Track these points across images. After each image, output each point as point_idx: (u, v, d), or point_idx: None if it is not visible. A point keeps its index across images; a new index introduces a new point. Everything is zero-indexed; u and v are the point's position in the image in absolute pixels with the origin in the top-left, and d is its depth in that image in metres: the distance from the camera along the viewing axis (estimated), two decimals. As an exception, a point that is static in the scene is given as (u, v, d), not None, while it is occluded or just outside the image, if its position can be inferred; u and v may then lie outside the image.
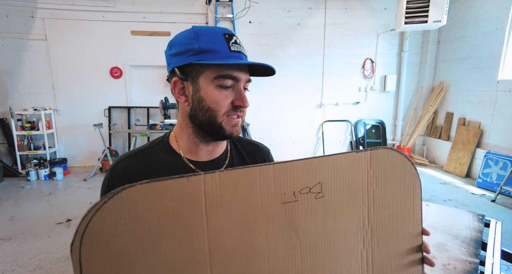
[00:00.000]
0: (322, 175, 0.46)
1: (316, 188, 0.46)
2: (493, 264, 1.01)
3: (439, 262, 1.02)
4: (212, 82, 0.60)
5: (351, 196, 0.48)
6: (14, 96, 4.79)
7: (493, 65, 4.12)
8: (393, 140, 5.61)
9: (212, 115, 0.61)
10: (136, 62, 4.94)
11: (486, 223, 1.31)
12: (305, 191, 0.45)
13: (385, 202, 0.50)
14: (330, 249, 0.48)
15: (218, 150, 0.71)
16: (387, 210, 0.50)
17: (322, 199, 0.47)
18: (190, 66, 0.61)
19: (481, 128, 4.31)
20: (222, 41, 0.60)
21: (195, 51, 0.59)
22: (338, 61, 5.25)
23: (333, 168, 0.46)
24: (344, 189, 0.47)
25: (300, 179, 0.45)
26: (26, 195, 3.78)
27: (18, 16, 4.55)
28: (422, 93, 5.40)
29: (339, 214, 0.48)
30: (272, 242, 0.45)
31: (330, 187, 0.47)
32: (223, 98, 0.61)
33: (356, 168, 0.48)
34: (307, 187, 0.45)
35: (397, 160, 0.49)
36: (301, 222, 0.46)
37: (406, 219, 0.51)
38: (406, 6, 4.12)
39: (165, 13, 4.81)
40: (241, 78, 0.62)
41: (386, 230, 0.51)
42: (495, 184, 3.85)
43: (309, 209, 0.46)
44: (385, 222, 0.50)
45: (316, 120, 5.44)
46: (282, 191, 0.44)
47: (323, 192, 0.46)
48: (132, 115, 5.12)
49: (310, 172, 0.45)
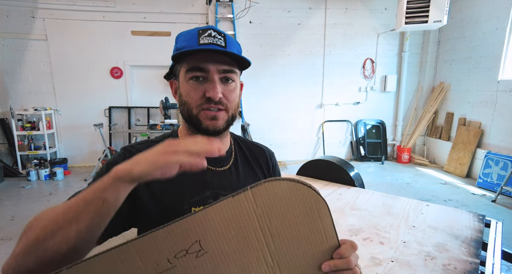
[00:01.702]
0: (198, 231, 0.42)
1: (194, 247, 0.42)
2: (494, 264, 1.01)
3: (439, 262, 1.02)
4: (185, 76, 0.63)
5: (241, 240, 0.44)
6: (15, 96, 4.79)
7: (494, 65, 4.12)
8: (394, 140, 5.61)
9: (188, 109, 0.64)
10: (137, 62, 4.94)
11: (486, 223, 1.31)
12: (182, 254, 0.42)
13: (286, 233, 0.45)
14: None
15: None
16: (291, 239, 0.46)
17: (205, 256, 0.43)
18: (175, 66, 0.66)
19: (481, 129, 4.31)
20: (194, 37, 0.62)
21: (174, 52, 0.63)
22: (339, 61, 5.25)
23: (210, 221, 0.42)
24: (229, 237, 0.43)
25: (170, 246, 0.41)
26: (26, 195, 3.78)
27: (18, 16, 4.55)
28: (422, 93, 5.40)
29: (232, 261, 0.44)
30: None
31: (211, 241, 0.43)
32: (193, 90, 0.62)
33: (238, 211, 0.43)
34: (183, 249, 0.42)
35: (288, 187, 0.44)
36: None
37: (317, 241, 0.47)
38: (407, 6, 4.12)
39: (165, 13, 4.81)
40: (210, 68, 0.61)
41: (297, 259, 0.46)
42: (495, 184, 3.85)
43: (193, 269, 0.42)
44: (293, 251, 0.46)
45: (316, 120, 5.44)
46: (154, 262, 0.41)
47: (205, 248, 0.43)
48: (132, 115, 5.12)
49: (181, 235, 0.42)
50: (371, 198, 1.62)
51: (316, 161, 2.19)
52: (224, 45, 0.62)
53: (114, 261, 0.40)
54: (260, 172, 0.78)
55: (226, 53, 0.61)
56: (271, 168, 0.81)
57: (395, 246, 1.12)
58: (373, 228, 1.27)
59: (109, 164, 0.64)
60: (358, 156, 5.43)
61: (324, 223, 0.46)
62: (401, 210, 1.46)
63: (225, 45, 0.62)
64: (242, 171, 0.74)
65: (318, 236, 0.47)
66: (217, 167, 0.70)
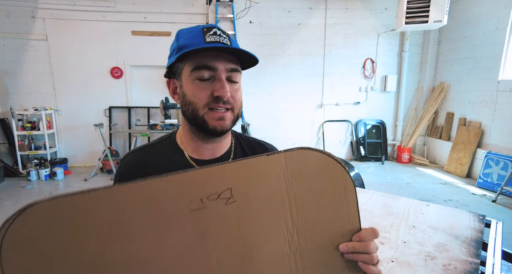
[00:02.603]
0: (232, 180, 0.44)
1: (225, 193, 0.44)
2: (494, 264, 1.01)
3: (439, 262, 1.02)
4: (190, 75, 0.61)
5: (268, 200, 0.45)
6: (15, 96, 4.79)
7: (494, 65, 4.11)
8: (394, 140, 5.60)
9: (194, 109, 0.62)
10: (137, 62, 4.94)
11: (486, 223, 1.31)
12: (213, 198, 0.43)
13: (311, 203, 0.46)
14: (252, 253, 0.45)
15: (220, 148, 0.71)
16: (314, 211, 0.46)
17: (234, 205, 0.44)
18: (175, 64, 0.64)
19: (481, 129, 4.30)
20: (198, 35, 0.60)
21: (176, 50, 0.61)
22: (339, 61, 5.25)
23: (243, 173, 0.44)
24: (258, 193, 0.45)
25: (206, 186, 0.43)
26: (26, 195, 3.78)
27: (19, 16, 4.56)
28: (422, 93, 5.40)
29: (256, 218, 0.45)
30: (185, 250, 0.43)
31: (242, 192, 0.44)
32: (200, 89, 0.60)
33: (269, 171, 0.45)
34: (215, 193, 0.43)
35: (318, 158, 0.45)
36: (212, 228, 0.44)
37: (339, 220, 0.47)
38: (407, 6, 4.12)
39: (165, 13, 4.81)
40: (219, 67, 0.60)
41: (316, 232, 0.46)
42: (495, 184, 3.85)
43: (220, 215, 0.44)
44: (314, 223, 0.46)
45: (317, 120, 5.44)
46: (188, 199, 0.43)
47: (235, 197, 0.44)
48: (132, 115, 5.12)
49: (217, 178, 0.44)
50: (371, 198, 1.62)
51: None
52: (229, 44, 0.61)
53: (155, 189, 0.42)
54: None
55: (234, 51, 0.60)
56: None
57: (395, 246, 1.12)
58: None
59: (115, 176, 0.68)
60: (358, 156, 5.43)
61: (348, 203, 0.46)
62: (401, 210, 1.45)
63: (230, 45, 0.61)
64: None
65: (341, 215, 0.47)
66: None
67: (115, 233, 0.41)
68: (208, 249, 0.44)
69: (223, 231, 0.44)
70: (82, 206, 0.40)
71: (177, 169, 0.65)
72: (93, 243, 0.40)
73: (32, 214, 0.38)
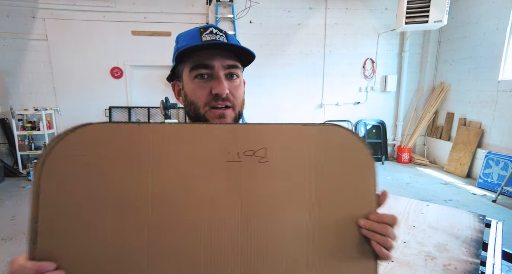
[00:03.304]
0: (267, 141, 0.46)
1: (260, 152, 0.46)
2: (494, 264, 1.01)
3: (439, 262, 1.02)
4: (189, 75, 0.62)
5: (297, 167, 0.47)
6: (15, 96, 4.79)
7: (494, 65, 4.11)
8: (394, 140, 5.60)
9: (195, 108, 0.62)
10: (137, 62, 4.94)
11: (487, 223, 1.31)
12: (249, 153, 0.46)
13: (335, 179, 0.48)
14: (274, 213, 0.47)
15: None
16: (337, 187, 0.48)
17: (266, 164, 0.46)
18: (177, 67, 0.65)
19: (482, 129, 4.30)
20: (195, 35, 0.61)
21: (176, 52, 0.62)
22: (339, 61, 5.24)
23: (279, 136, 0.46)
24: (289, 158, 0.47)
25: (244, 142, 0.46)
26: (27, 195, 3.78)
27: (19, 16, 4.56)
28: (422, 93, 5.39)
29: (283, 182, 0.47)
30: (214, 196, 0.45)
31: (275, 154, 0.46)
32: (199, 88, 0.61)
33: (302, 140, 0.47)
34: (251, 150, 0.46)
35: (347, 138, 0.48)
36: (243, 182, 0.46)
37: (359, 200, 0.49)
38: (407, 6, 4.12)
39: (165, 13, 4.81)
40: (215, 65, 0.60)
41: (335, 209, 0.48)
42: (496, 184, 3.85)
43: (252, 171, 0.46)
44: (335, 199, 0.48)
45: (317, 120, 5.43)
46: (227, 150, 0.45)
47: (268, 157, 0.46)
48: (132, 115, 5.13)
49: (255, 137, 0.46)
50: (371, 198, 1.62)
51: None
52: (226, 41, 0.62)
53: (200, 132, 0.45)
54: None
55: (229, 48, 0.61)
56: None
57: (395, 246, 1.12)
58: (373, 228, 1.27)
59: None
60: (358, 156, 5.42)
61: (367, 182, 0.49)
62: (401, 210, 1.45)
63: (227, 42, 0.62)
64: None
65: (360, 192, 0.49)
66: None
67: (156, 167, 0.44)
68: (236, 201, 0.46)
69: (253, 187, 0.46)
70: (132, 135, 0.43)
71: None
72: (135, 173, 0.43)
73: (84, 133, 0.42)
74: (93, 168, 0.42)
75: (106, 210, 0.43)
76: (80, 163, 0.42)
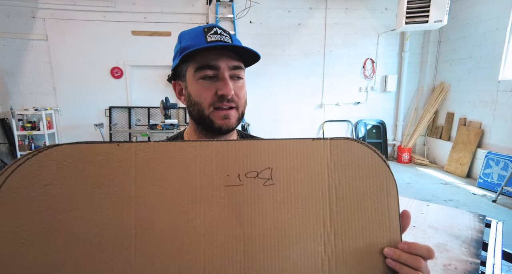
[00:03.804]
0: (273, 159, 0.40)
1: (265, 173, 0.40)
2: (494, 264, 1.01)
3: (439, 262, 1.02)
4: (194, 76, 0.61)
5: (308, 189, 0.41)
6: (15, 96, 4.79)
7: (494, 65, 4.11)
8: (394, 140, 5.60)
9: (199, 109, 0.62)
10: (137, 62, 4.94)
11: (487, 223, 1.31)
12: (252, 175, 0.39)
13: (351, 201, 0.41)
14: (283, 247, 0.40)
15: None
16: (354, 211, 0.41)
17: (272, 187, 0.40)
18: (179, 66, 0.64)
19: (482, 129, 4.30)
20: (200, 35, 0.61)
21: (179, 52, 0.62)
22: (339, 61, 5.25)
23: (286, 154, 0.40)
24: (299, 179, 0.40)
25: (246, 161, 0.39)
26: (27, 194, 3.78)
27: (19, 16, 4.56)
28: (422, 93, 5.39)
29: (293, 207, 0.40)
30: (211, 229, 0.38)
31: (282, 175, 0.40)
32: (204, 89, 0.61)
33: (313, 157, 0.41)
34: (255, 171, 0.39)
35: (364, 153, 0.41)
36: (246, 210, 0.39)
37: (380, 223, 0.42)
38: (407, 6, 4.12)
39: (165, 13, 4.81)
40: (221, 66, 0.60)
41: (355, 237, 0.41)
42: (496, 184, 3.85)
43: (256, 196, 0.40)
44: (352, 226, 0.41)
45: (317, 120, 5.44)
46: (226, 172, 0.39)
47: (274, 179, 0.40)
48: (132, 115, 5.13)
49: (259, 155, 0.40)
50: (371, 198, 1.62)
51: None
52: (231, 42, 0.61)
53: (193, 152, 0.38)
54: None
55: (235, 49, 0.60)
56: None
57: (395, 246, 1.12)
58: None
59: None
60: (358, 156, 5.42)
61: (389, 205, 0.43)
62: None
63: (231, 43, 0.61)
64: None
65: (382, 218, 0.42)
66: None
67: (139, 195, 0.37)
68: (238, 235, 0.39)
69: (257, 216, 0.40)
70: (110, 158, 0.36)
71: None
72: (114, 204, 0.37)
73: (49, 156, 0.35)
74: (60, 200, 0.35)
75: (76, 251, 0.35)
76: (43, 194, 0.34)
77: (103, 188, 0.36)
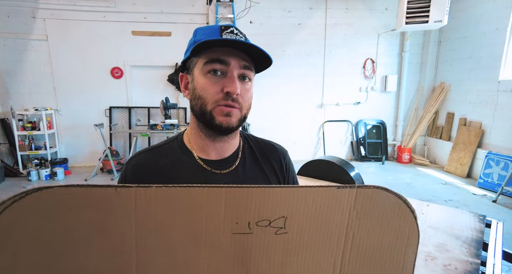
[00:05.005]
0: (289, 208, 0.37)
1: (278, 222, 0.38)
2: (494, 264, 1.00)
3: (440, 262, 1.02)
4: (202, 69, 0.61)
5: (323, 237, 0.39)
6: (15, 96, 4.80)
7: (494, 65, 4.11)
8: (394, 140, 5.60)
9: (202, 104, 0.61)
10: (137, 63, 4.95)
11: (487, 223, 1.31)
12: (264, 224, 0.37)
13: (367, 251, 0.40)
14: None
15: (228, 149, 0.69)
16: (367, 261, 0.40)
17: (284, 236, 0.38)
18: (190, 59, 0.64)
19: (482, 129, 4.30)
20: (216, 32, 0.60)
21: (193, 44, 0.61)
22: (339, 61, 5.25)
23: (305, 202, 0.38)
24: (315, 227, 0.39)
25: (259, 209, 0.37)
26: (27, 195, 3.78)
27: (19, 17, 4.56)
28: (423, 93, 5.39)
29: (303, 256, 0.39)
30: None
31: (296, 224, 0.38)
32: (211, 84, 0.60)
33: (334, 206, 0.38)
34: (267, 219, 0.37)
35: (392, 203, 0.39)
36: (254, 257, 0.38)
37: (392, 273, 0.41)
38: (407, 6, 4.12)
39: (166, 13, 4.81)
40: (231, 62, 0.59)
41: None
42: (496, 184, 3.85)
43: (266, 245, 0.38)
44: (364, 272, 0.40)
45: (317, 120, 5.44)
46: (234, 219, 0.37)
47: (287, 229, 0.38)
48: (133, 115, 5.13)
49: (274, 203, 0.37)
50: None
51: (317, 161, 2.19)
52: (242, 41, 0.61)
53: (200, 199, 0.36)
54: (271, 171, 0.74)
55: (248, 49, 0.60)
56: (284, 168, 0.77)
57: None
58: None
59: (120, 179, 0.66)
60: (358, 156, 5.42)
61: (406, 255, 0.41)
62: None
63: (247, 41, 0.61)
64: (249, 171, 0.71)
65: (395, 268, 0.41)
66: (221, 169, 0.68)
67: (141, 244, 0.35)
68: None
69: (265, 265, 0.38)
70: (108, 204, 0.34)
71: (185, 170, 0.65)
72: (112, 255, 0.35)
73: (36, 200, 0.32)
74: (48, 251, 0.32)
75: None
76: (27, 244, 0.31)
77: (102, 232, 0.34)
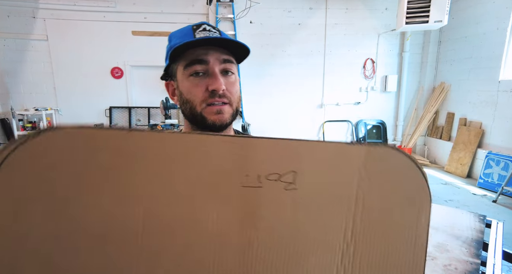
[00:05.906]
0: (299, 162, 0.36)
1: (288, 177, 0.36)
2: (495, 264, 1.00)
3: (440, 262, 1.02)
4: (184, 73, 0.61)
5: (333, 197, 0.37)
6: (16, 96, 4.80)
7: (495, 65, 4.11)
8: (394, 140, 5.60)
9: (191, 107, 0.61)
10: (137, 63, 4.95)
11: (487, 223, 1.31)
12: (274, 178, 0.36)
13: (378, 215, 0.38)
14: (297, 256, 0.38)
15: None
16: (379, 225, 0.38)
17: (293, 192, 0.36)
18: (170, 66, 0.64)
19: (482, 129, 4.30)
20: (189, 33, 0.60)
21: (169, 51, 0.61)
22: (339, 61, 5.25)
23: (315, 157, 0.36)
24: (325, 186, 0.37)
25: (269, 162, 0.35)
26: (27, 195, 3.78)
27: (19, 17, 4.56)
28: (423, 93, 5.39)
29: (313, 215, 0.38)
30: (223, 230, 0.36)
31: (306, 180, 0.36)
32: (194, 86, 0.60)
33: (345, 164, 0.37)
34: (277, 173, 0.36)
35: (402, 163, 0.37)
36: (262, 213, 0.36)
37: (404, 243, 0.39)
38: (407, 6, 4.12)
39: (166, 14, 4.81)
40: (210, 60, 0.59)
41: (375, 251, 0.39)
42: (496, 185, 3.84)
43: (275, 200, 0.36)
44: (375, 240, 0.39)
45: (317, 120, 5.44)
46: (244, 171, 0.35)
47: (297, 184, 0.36)
48: (133, 115, 5.13)
49: (284, 156, 0.36)
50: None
51: (317, 161, 2.19)
52: (215, 35, 0.61)
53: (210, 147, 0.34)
54: None
55: (223, 43, 0.60)
56: None
57: None
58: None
59: None
60: (358, 156, 5.42)
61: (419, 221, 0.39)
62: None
63: (220, 36, 0.61)
64: None
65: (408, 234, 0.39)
66: None
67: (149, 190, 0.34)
68: (249, 238, 0.36)
69: (274, 221, 0.37)
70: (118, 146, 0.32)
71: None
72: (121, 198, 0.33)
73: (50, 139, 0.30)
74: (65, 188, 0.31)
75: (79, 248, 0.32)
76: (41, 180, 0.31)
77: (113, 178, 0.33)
